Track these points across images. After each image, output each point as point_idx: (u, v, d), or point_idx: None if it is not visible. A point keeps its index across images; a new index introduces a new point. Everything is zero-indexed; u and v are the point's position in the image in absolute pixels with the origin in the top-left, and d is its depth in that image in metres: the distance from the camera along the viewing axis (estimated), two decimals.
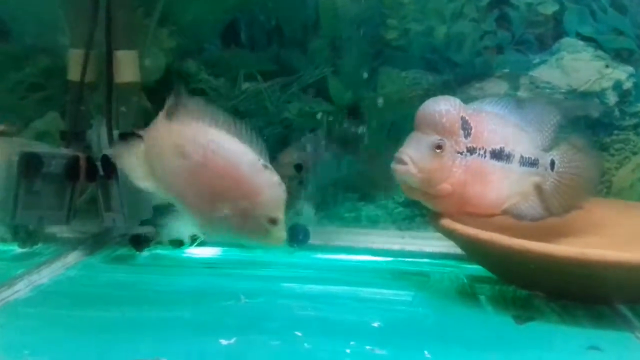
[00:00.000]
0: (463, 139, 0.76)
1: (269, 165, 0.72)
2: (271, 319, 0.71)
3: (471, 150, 0.76)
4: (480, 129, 0.77)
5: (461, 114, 0.76)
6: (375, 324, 0.70)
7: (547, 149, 0.83)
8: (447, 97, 0.78)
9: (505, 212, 0.80)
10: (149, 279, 0.84)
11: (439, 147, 0.75)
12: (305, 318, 0.72)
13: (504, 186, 0.79)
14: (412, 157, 0.75)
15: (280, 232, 0.72)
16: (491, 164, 0.77)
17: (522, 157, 0.80)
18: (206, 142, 0.71)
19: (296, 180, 0.95)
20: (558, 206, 0.82)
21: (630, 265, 0.69)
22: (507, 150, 0.78)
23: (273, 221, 0.72)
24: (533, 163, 0.81)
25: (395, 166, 0.76)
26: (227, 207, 0.70)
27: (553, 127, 0.82)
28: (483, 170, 0.77)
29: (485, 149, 0.77)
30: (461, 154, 0.76)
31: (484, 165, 0.77)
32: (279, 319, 0.70)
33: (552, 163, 0.82)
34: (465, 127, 0.76)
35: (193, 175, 0.71)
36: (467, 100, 0.98)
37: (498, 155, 0.78)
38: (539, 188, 0.82)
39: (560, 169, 0.82)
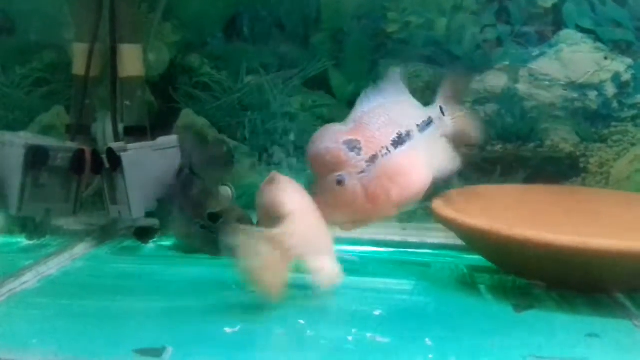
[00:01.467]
0: (357, 158, 0.73)
1: None
2: (275, 307, 0.72)
3: (372, 160, 0.74)
4: (370, 134, 0.75)
5: (342, 140, 0.74)
6: (377, 313, 0.71)
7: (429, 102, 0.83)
8: (326, 128, 0.76)
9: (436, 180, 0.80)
10: (154, 270, 0.85)
11: (339, 182, 0.73)
12: (308, 307, 0.73)
13: (422, 161, 0.78)
14: (326, 203, 0.73)
15: None
16: (399, 153, 0.76)
17: (418, 125, 0.79)
18: None
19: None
20: (467, 141, 0.85)
21: (628, 254, 0.70)
22: (403, 131, 0.76)
23: None
24: (428, 123, 0.80)
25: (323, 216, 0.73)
26: None
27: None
28: (396, 164, 0.75)
29: (385, 146, 0.75)
30: (363, 172, 0.74)
31: (394, 160, 0.75)
32: (282, 308, 0.72)
33: (441, 109, 0.83)
34: (354, 147, 0.74)
35: None
36: (467, 93, 1.00)
37: (399, 141, 0.76)
38: (445, 137, 0.82)
39: (448, 112, 0.84)
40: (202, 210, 0.76)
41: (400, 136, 0.76)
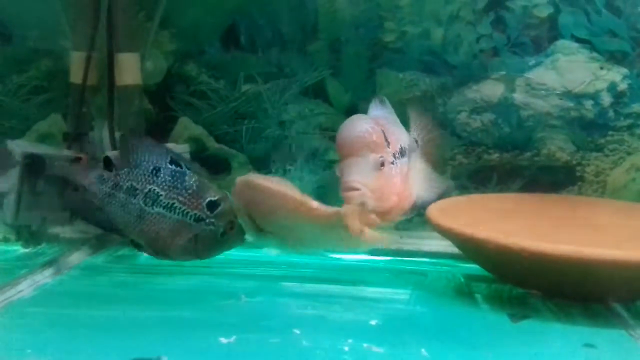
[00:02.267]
0: (388, 149, 0.75)
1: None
2: (270, 317, 0.72)
3: (395, 157, 0.76)
4: (389, 135, 0.76)
5: (380, 128, 0.75)
6: (373, 322, 0.71)
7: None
8: (360, 115, 0.77)
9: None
10: (150, 279, 0.85)
11: (382, 164, 0.73)
12: (303, 316, 0.73)
13: (412, 180, 0.79)
14: (362, 182, 0.73)
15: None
16: (404, 163, 0.78)
17: (408, 147, 0.80)
18: None
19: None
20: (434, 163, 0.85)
21: (624, 264, 0.70)
22: (404, 146, 0.78)
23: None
24: (413, 149, 0.81)
25: (348, 194, 0.73)
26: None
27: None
28: (404, 171, 0.77)
29: (397, 151, 0.77)
30: (392, 163, 0.75)
31: (404, 166, 0.77)
32: (278, 318, 0.71)
33: (415, 140, 0.84)
34: (386, 138, 0.75)
35: None
36: (464, 102, 1.01)
37: (402, 153, 0.78)
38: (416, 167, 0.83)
39: (420, 143, 0.84)
40: (200, 200, 0.75)
41: (402, 149, 0.77)
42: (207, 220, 0.74)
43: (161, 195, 0.75)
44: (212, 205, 0.75)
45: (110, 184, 0.76)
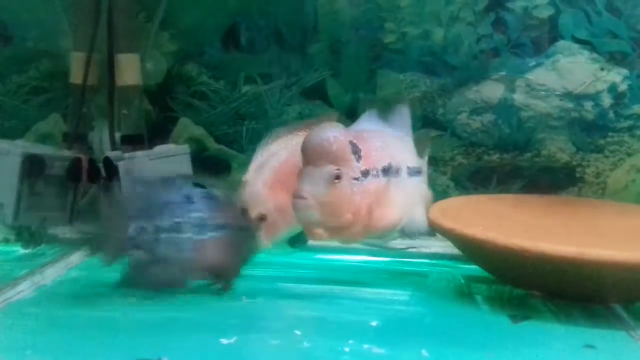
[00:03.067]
0: (356, 164, 0.71)
1: None
2: (271, 318, 0.72)
3: (365, 174, 0.71)
4: (368, 150, 0.72)
5: (349, 139, 0.71)
6: (373, 323, 0.71)
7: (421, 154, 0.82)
8: (331, 123, 0.73)
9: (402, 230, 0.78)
10: None
11: (337, 177, 0.69)
12: (304, 317, 0.73)
13: (399, 201, 0.75)
14: (311, 192, 0.69)
15: None
16: (385, 182, 0.73)
17: (408, 168, 0.77)
18: None
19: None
20: None
21: (625, 265, 0.70)
22: (394, 164, 0.74)
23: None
24: (418, 171, 0.79)
25: (295, 202, 0.70)
26: None
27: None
28: (380, 190, 0.73)
29: (377, 168, 0.73)
30: (357, 179, 0.71)
31: (380, 185, 0.73)
32: (278, 319, 0.71)
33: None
34: (356, 151, 0.71)
35: None
36: (464, 103, 1.01)
37: (387, 171, 0.74)
38: (423, 195, 0.80)
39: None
40: (236, 210, 0.74)
41: (390, 167, 0.74)
42: (250, 226, 0.74)
43: (206, 218, 0.73)
44: (244, 211, 0.75)
45: (152, 228, 0.73)
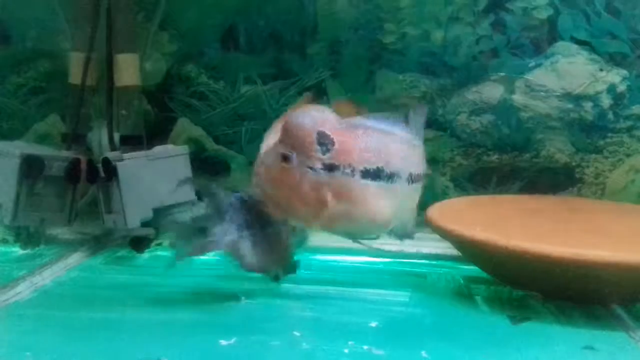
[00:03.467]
0: (319, 155, 0.68)
1: None
2: (270, 319, 0.72)
3: (330, 168, 0.68)
4: (349, 147, 0.69)
5: (319, 129, 0.68)
6: (373, 324, 0.71)
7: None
8: (316, 107, 0.71)
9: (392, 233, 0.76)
10: (149, 280, 0.85)
11: (285, 158, 0.68)
12: (304, 319, 0.73)
13: (384, 206, 0.72)
14: (263, 168, 0.69)
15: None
16: (362, 184, 0.69)
17: (411, 174, 0.74)
18: None
19: None
20: None
21: (625, 266, 0.70)
22: (388, 170, 0.71)
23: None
24: (418, 180, 0.76)
25: (255, 164, 0.71)
26: None
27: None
28: (350, 189, 0.69)
29: (354, 167, 0.69)
30: (313, 169, 0.68)
31: (351, 184, 0.69)
32: (278, 320, 0.71)
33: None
34: (323, 143, 0.68)
35: None
36: (464, 103, 1.01)
37: (374, 175, 0.70)
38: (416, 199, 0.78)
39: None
40: None
41: (378, 171, 0.70)
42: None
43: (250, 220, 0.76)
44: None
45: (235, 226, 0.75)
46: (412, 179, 0.74)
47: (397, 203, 0.73)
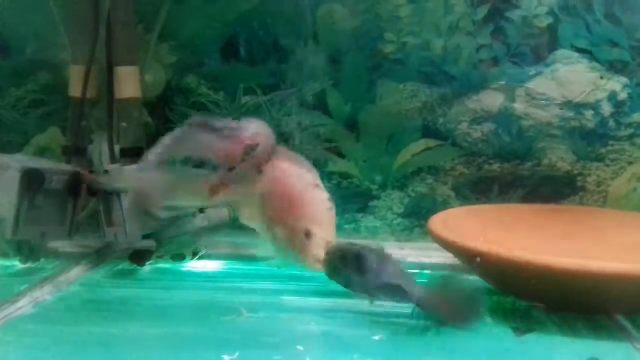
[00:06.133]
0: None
1: (320, 184, 0.74)
2: (273, 333, 0.71)
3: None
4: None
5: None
6: (377, 337, 0.71)
7: None
8: (265, 127, 0.78)
9: None
10: (150, 294, 0.84)
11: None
12: (306, 332, 0.72)
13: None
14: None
15: (318, 249, 0.72)
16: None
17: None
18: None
19: None
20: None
21: (628, 276, 0.69)
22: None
23: (308, 234, 0.73)
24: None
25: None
26: (280, 226, 0.72)
27: None
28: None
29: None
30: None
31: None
32: (280, 333, 0.71)
33: None
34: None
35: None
36: (464, 112, 1.00)
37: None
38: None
39: None
40: None
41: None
42: None
43: None
44: None
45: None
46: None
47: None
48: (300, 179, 0.75)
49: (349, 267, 0.74)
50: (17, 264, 0.93)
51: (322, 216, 0.74)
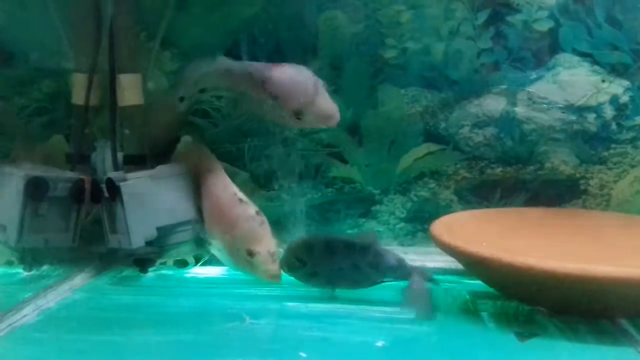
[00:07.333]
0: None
1: (245, 199, 0.74)
2: (276, 340, 0.71)
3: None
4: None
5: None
6: (379, 344, 0.71)
7: None
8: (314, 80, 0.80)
9: None
10: (154, 301, 0.85)
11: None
12: (309, 338, 0.72)
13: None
14: None
15: (266, 265, 0.73)
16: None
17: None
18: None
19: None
20: None
21: (632, 280, 0.69)
22: None
23: (251, 254, 0.74)
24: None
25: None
26: (219, 240, 0.73)
27: None
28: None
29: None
30: None
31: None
32: (283, 340, 0.71)
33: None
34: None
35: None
36: (466, 117, 1.00)
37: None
38: None
39: None
40: None
41: None
42: None
43: None
44: None
45: None
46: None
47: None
48: (225, 191, 0.76)
49: (316, 256, 0.75)
50: (21, 272, 0.94)
51: (258, 233, 0.75)
